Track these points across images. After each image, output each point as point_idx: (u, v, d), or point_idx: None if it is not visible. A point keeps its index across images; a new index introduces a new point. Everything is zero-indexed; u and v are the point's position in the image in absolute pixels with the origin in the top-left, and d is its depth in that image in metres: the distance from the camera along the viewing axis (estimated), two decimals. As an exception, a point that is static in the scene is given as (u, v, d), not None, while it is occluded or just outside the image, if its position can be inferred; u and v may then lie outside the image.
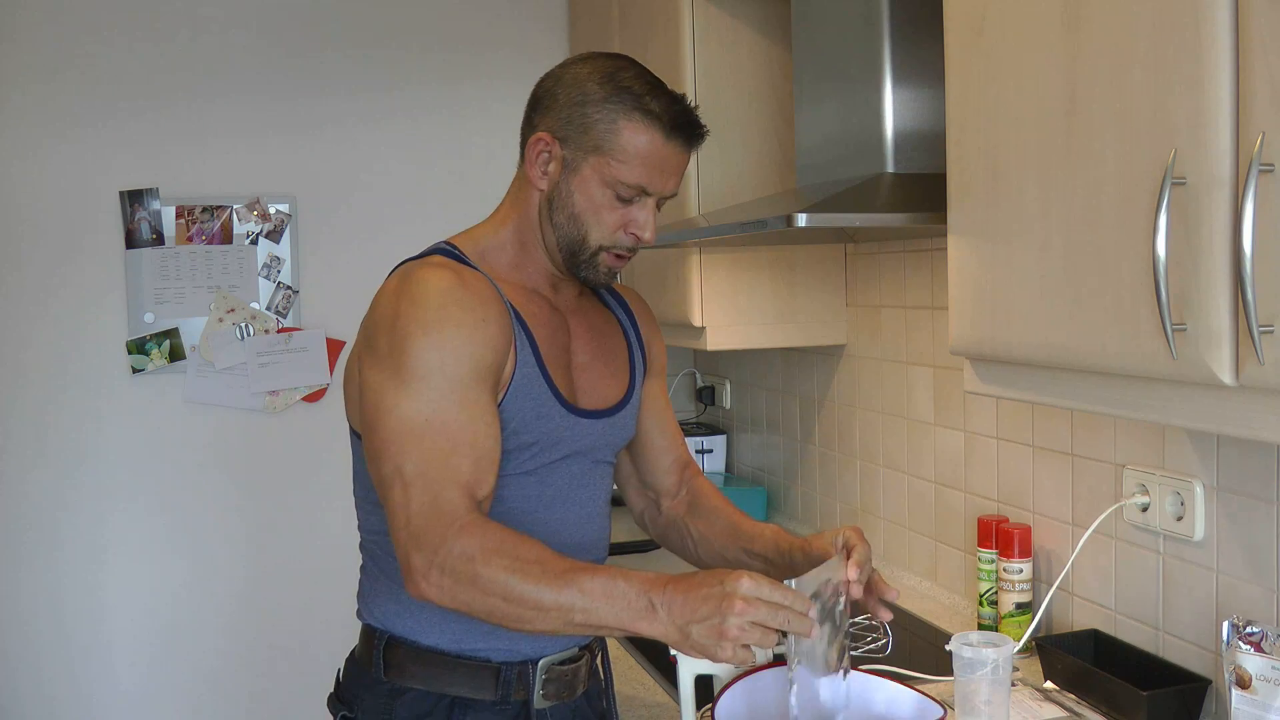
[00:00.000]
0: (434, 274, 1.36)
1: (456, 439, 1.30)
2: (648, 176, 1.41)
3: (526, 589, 1.22)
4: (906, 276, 2.30)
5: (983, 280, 1.42)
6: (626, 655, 1.94)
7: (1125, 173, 1.16)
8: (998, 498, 2.05)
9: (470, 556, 1.24)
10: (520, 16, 3.22)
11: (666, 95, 1.42)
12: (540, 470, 1.44)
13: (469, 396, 1.32)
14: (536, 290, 1.50)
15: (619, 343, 1.61)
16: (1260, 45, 1.00)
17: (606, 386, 1.55)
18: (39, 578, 2.99)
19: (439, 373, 1.31)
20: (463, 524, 1.26)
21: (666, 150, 1.41)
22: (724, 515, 1.63)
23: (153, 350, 3.03)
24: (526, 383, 1.40)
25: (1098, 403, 1.27)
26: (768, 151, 2.43)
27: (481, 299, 1.37)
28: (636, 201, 1.42)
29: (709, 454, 3.17)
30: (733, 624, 1.17)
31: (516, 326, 1.41)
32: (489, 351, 1.34)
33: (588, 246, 1.44)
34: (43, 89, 2.92)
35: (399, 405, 1.31)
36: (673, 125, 1.40)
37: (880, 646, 1.66)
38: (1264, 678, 1.38)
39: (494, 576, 1.23)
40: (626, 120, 1.39)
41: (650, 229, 1.44)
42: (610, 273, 1.49)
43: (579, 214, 1.43)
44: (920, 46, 1.79)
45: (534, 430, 1.41)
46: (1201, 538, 1.60)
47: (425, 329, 1.32)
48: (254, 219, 3.08)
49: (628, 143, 1.39)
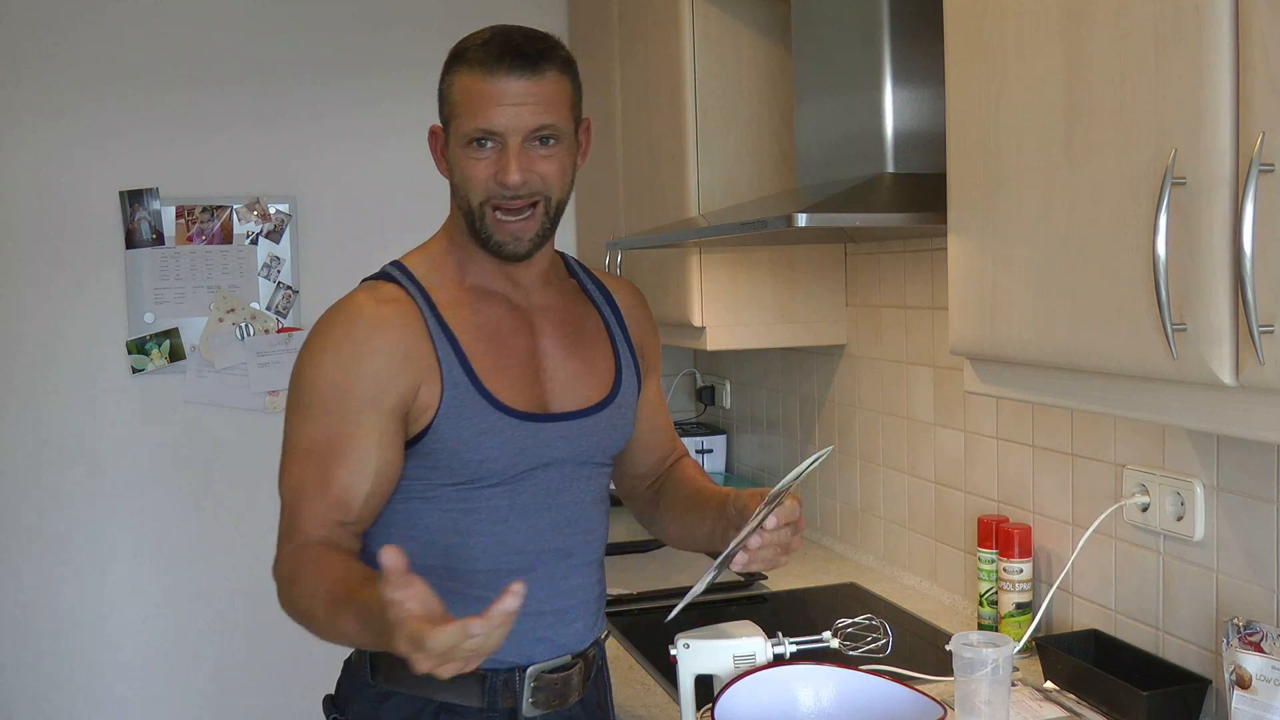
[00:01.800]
0: (345, 304, 1.41)
1: (326, 465, 1.36)
2: (484, 118, 1.36)
3: (311, 615, 1.29)
4: (906, 276, 2.30)
5: (983, 280, 1.42)
6: (626, 655, 1.94)
7: (1125, 172, 1.16)
8: (998, 498, 2.05)
9: (289, 579, 1.33)
10: (521, 17, 3.21)
11: (489, 35, 1.38)
12: (508, 483, 1.43)
13: (347, 424, 1.36)
14: (492, 291, 1.48)
15: (599, 338, 1.56)
16: (1260, 45, 1.00)
17: (584, 386, 1.51)
18: (38, 578, 2.99)
19: (318, 404, 1.37)
20: (295, 547, 1.34)
21: (490, 86, 1.36)
22: (686, 485, 1.62)
23: (153, 350, 3.03)
24: (459, 404, 1.39)
25: (1098, 403, 1.27)
26: (768, 151, 2.43)
27: (379, 329, 1.38)
28: (494, 148, 1.38)
29: (709, 454, 3.17)
30: (403, 617, 1.09)
31: (442, 348, 1.39)
32: (370, 384, 1.36)
33: (474, 210, 1.41)
34: (43, 89, 2.92)
35: (289, 428, 1.40)
36: (490, 59, 1.36)
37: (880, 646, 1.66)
38: (1264, 678, 1.38)
39: (299, 600, 1.30)
40: (454, 76, 1.39)
41: (513, 169, 1.37)
42: (516, 239, 1.41)
43: (458, 184, 1.42)
44: (920, 46, 1.79)
45: (480, 448, 1.39)
46: (1201, 538, 1.60)
47: (314, 358, 1.39)
48: (254, 219, 3.08)
49: (457, 96, 1.38)
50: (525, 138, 1.37)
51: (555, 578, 1.46)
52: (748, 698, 1.35)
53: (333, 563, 1.31)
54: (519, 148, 1.37)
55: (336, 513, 1.36)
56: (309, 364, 1.39)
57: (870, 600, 2.24)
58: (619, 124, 2.84)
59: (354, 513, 1.37)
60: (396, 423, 1.38)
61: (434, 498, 1.42)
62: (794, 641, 1.45)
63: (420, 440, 1.40)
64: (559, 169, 1.41)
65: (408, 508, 1.43)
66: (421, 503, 1.43)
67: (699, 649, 1.43)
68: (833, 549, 2.64)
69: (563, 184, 1.43)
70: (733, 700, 1.33)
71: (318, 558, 1.32)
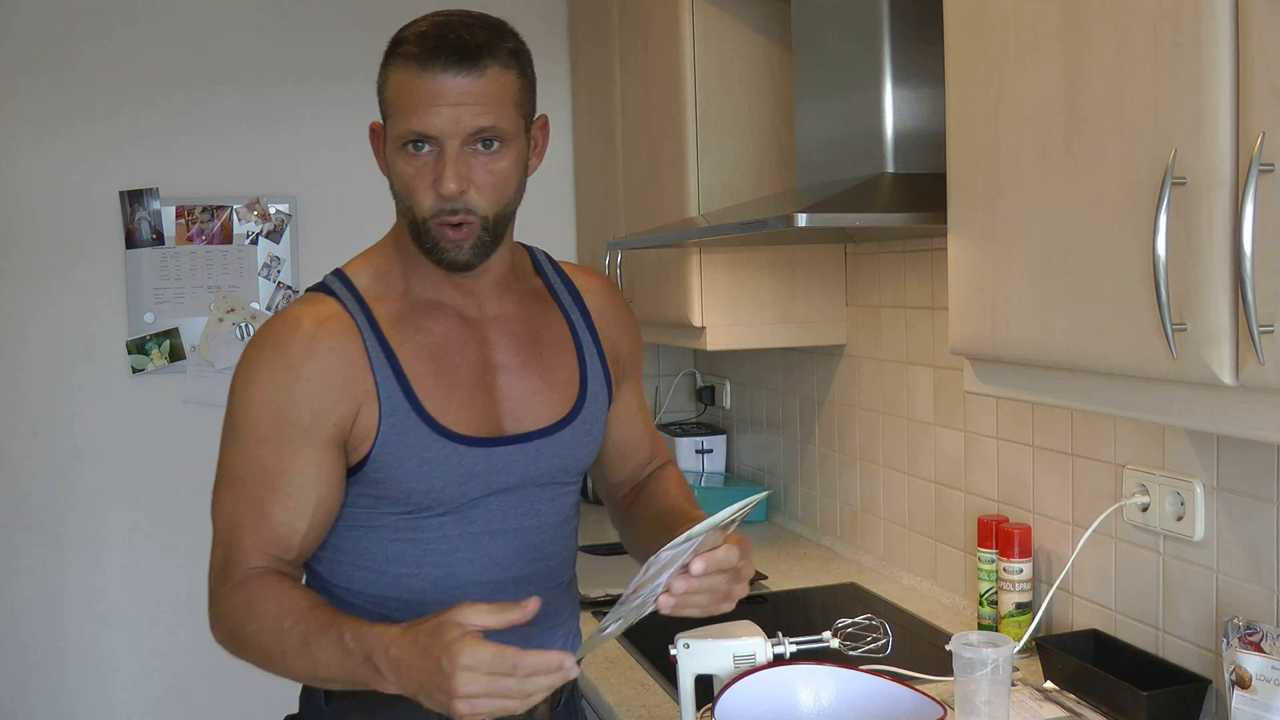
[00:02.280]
0: (280, 321, 1.32)
1: (260, 497, 1.28)
2: (417, 119, 1.23)
3: (274, 647, 1.22)
4: (906, 276, 2.30)
5: (983, 280, 1.42)
6: (626, 655, 1.94)
7: (1125, 172, 1.16)
8: (998, 498, 2.05)
9: (231, 615, 1.25)
10: (520, 17, 3.20)
11: (427, 25, 1.25)
12: (457, 511, 1.34)
13: (281, 455, 1.27)
14: (440, 303, 1.36)
15: (562, 347, 1.43)
16: (1260, 45, 1.00)
17: (543, 403, 1.39)
18: (38, 577, 2.99)
19: (250, 430, 1.29)
20: (238, 582, 1.26)
21: (424, 84, 1.23)
22: (656, 502, 1.51)
23: (153, 350, 3.03)
24: (398, 431, 1.29)
25: (1098, 403, 1.27)
26: (768, 151, 2.43)
27: (312, 353, 1.28)
28: (431, 154, 1.25)
29: (709, 454, 3.17)
30: (461, 707, 1.09)
31: (381, 370, 1.30)
32: (305, 413, 1.27)
33: (417, 222, 1.28)
34: (42, 89, 2.92)
35: (223, 455, 1.32)
36: (425, 55, 1.22)
37: (880, 646, 1.66)
38: (1264, 678, 1.38)
39: (251, 636, 1.24)
40: (389, 71, 1.27)
41: (449, 177, 1.23)
42: (461, 249, 1.28)
43: (398, 191, 1.30)
44: (920, 46, 1.79)
45: (424, 477, 1.30)
46: (1201, 538, 1.60)
47: (248, 381, 1.31)
48: (254, 219, 3.08)
49: (390, 93, 1.26)
50: (464, 141, 1.24)
51: None
52: (748, 698, 1.35)
53: (293, 595, 1.24)
54: (456, 153, 1.24)
55: (274, 548, 1.29)
56: (242, 384, 1.31)
57: (870, 600, 2.24)
58: (619, 124, 2.84)
59: (293, 551, 1.30)
60: (335, 453, 1.29)
61: (380, 526, 1.34)
62: (794, 641, 1.45)
63: (361, 469, 1.31)
64: (501, 177, 1.28)
65: (354, 536, 1.35)
66: (367, 531, 1.34)
67: (699, 649, 1.43)
68: (833, 549, 2.64)
69: (502, 195, 1.29)
70: (733, 700, 1.33)
71: (274, 591, 1.24)
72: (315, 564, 1.38)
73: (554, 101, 3.24)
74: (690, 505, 1.49)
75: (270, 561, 1.28)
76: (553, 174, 3.28)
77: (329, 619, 1.20)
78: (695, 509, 1.45)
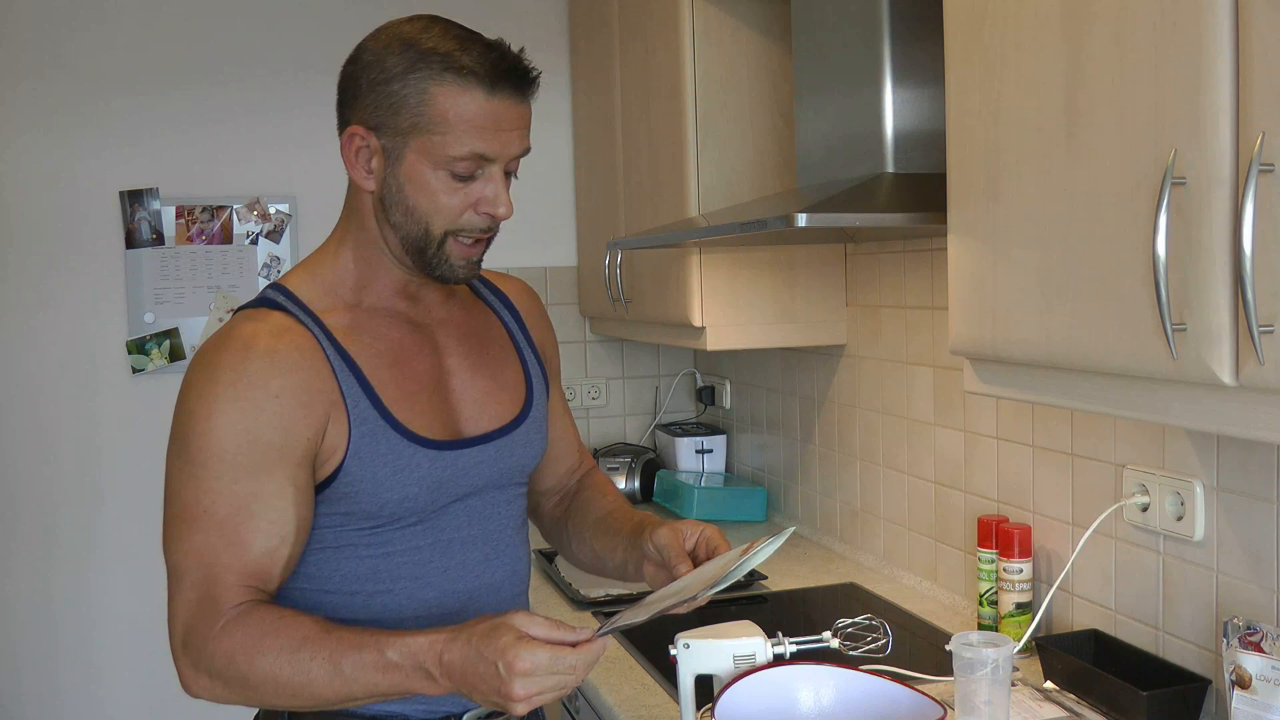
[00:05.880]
0: (229, 340, 1.25)
1: (236, 528, 1.21)
2: (482, 142, 1.23)
3: (297, 679, 1.16)
4: (906, 276, 2.30)
5: (983, 280, 1.42)
6: (626, 655, 1.94)
7: (1125, 172, 1.16)
8: (998, 498, 2.05)
9: (232, 657, 1.18)
10: (520, 17, 3.21)
11: (480, 45, 1.24)
12: (428, 519, 1.32)
13: (256, 480, 1.21)
14: (391, 310, 1.35)
15: (504, 348, 1.44)
16: (1260, 45, 1.00)
17: (495, 404, 1.39)
18: (37, 577, 2.99)
19: (219, 458, 1.21)
20: (225, 623, 1.19)
21: (493, 106, 1.23)
22: (596, 506, 1.51)
23: (153, 350, 3.03)
24: (369, 440, 1.26)
25: (1098, 403, 1.27)
26: (768, 151, 2.43)
27: (276, 367, 1.23)
28: (479, 175, 1.25)
29: (709, 454, 3.17)
30: (520, 709, 1.12)
31: (345, 380, 1.26)
32: (277, 432, 1.21)
33: (433, 239, 1.27)
34: (42, 88, 2.92)
35: (180, 490, 1.24)
36: (494, 76, 1.22)
37: (880, 646, 1.66)
38: (1264, 678, 1.38)
39: (261, 671, 1.17)
40: (438, 86, 1.22)
41: (504, 202, 1.26)
42: (470, 264, 1.30)
43: (414, 207, 1.26)
44: (920, 46, 1.78)
45: (398, 486, 1.27)
46: (1201, 538, 1.60)
47: (208, 409, 1.22)
48: (254, 219, 3.08)
49: (447, 111, 1.22)
50: (506, 164, 1.27)
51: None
52: (748, 698, 1.35)
53: (299, 622, 1.19)
54: (501, 174, 1.27)
55: (257, 580, 1.22)
56: (200, 414, 1.22)
57: (870, 600, 2.24)
58: (619, 124, 2.84)
59: (275, 581, 1.24)
60: (307, 470, 1.25)
61: (348, 545, 1.30)
62: (794, 641, 1.44)
63: (330, 484, 1.26)
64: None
65: (319, 558, 1.30)
66: (333, 552, 1.30)
67: (699, 649, 1.43)
68: (833, 549, 2.64)
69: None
70: (733, 700, 1.33)
71: (277, 623, 1.19)
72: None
73: (554, 101, 3.24)
74: (632, 510, 1.50)
75: (253, 595, 1.23)
76: (553, 174, 3.28)
77: (355, 638, 1.17)
78: (636, 513, 1.47)
